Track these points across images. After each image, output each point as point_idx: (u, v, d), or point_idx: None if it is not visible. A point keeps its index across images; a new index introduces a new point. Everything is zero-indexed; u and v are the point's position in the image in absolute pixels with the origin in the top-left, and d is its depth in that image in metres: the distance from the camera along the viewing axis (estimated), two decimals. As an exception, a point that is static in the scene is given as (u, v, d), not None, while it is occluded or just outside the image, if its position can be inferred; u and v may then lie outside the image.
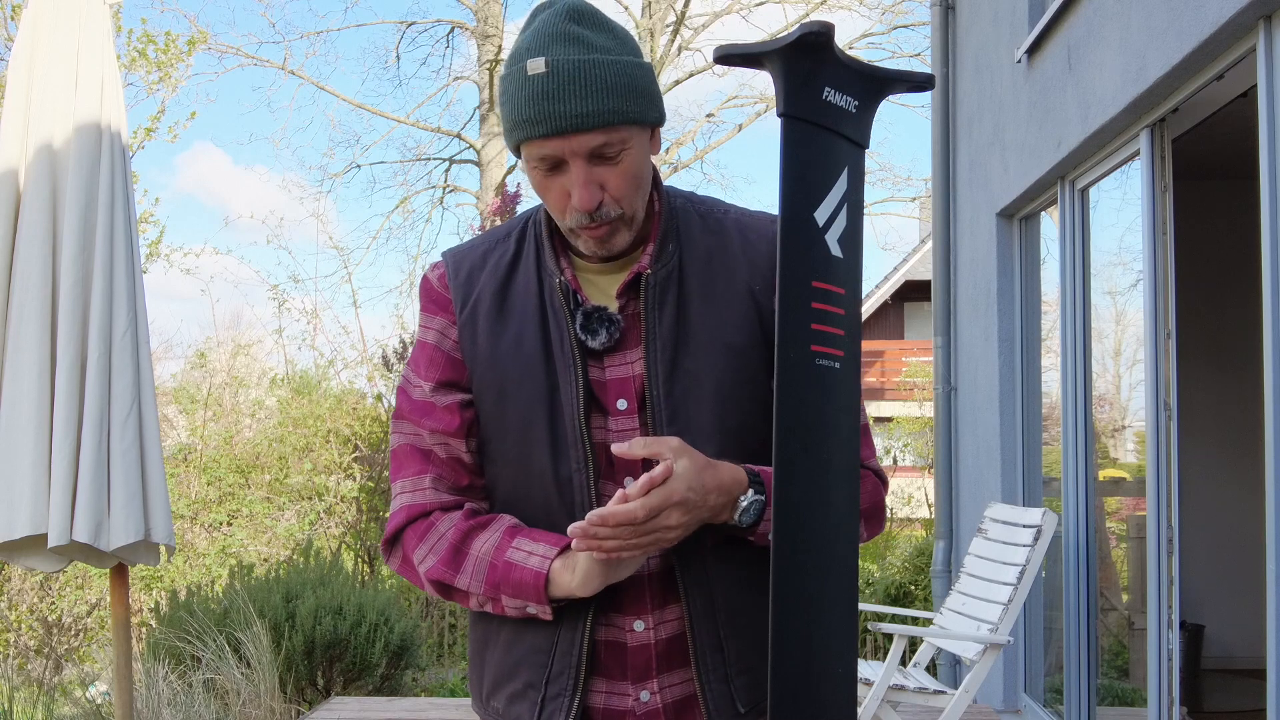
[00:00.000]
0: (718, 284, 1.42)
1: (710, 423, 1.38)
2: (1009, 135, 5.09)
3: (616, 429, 1.40)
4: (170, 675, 4.91)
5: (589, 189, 1.32)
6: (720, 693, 1.41)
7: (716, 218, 1.47)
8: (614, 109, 1.30)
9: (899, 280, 20.43)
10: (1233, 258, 4.85)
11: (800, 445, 1.00)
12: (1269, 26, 2.86)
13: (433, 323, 1.46)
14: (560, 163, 1.33)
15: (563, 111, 1.29)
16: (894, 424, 14.37)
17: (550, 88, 1.29)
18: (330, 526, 8.78)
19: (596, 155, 1.32)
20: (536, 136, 1.31)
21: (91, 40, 3.14)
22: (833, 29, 1.01)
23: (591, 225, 1.35)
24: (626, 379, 1.40)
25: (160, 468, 3.16)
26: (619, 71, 1.32)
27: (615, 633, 1.41)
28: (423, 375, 1.45)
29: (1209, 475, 5.84)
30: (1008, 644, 3.91)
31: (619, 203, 1.35)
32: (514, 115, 1.33)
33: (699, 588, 1.39)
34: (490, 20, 15.32)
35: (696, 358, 1.39)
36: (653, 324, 1.39)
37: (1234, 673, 5.83)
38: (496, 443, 1.42)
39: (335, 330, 18.17)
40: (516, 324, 1.41)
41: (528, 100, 1.30)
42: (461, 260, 1.47)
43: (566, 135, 1.30)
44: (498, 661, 1.45)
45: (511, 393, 1.40)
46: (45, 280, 3.01)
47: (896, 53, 17.15)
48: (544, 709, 1.40)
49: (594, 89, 1.29)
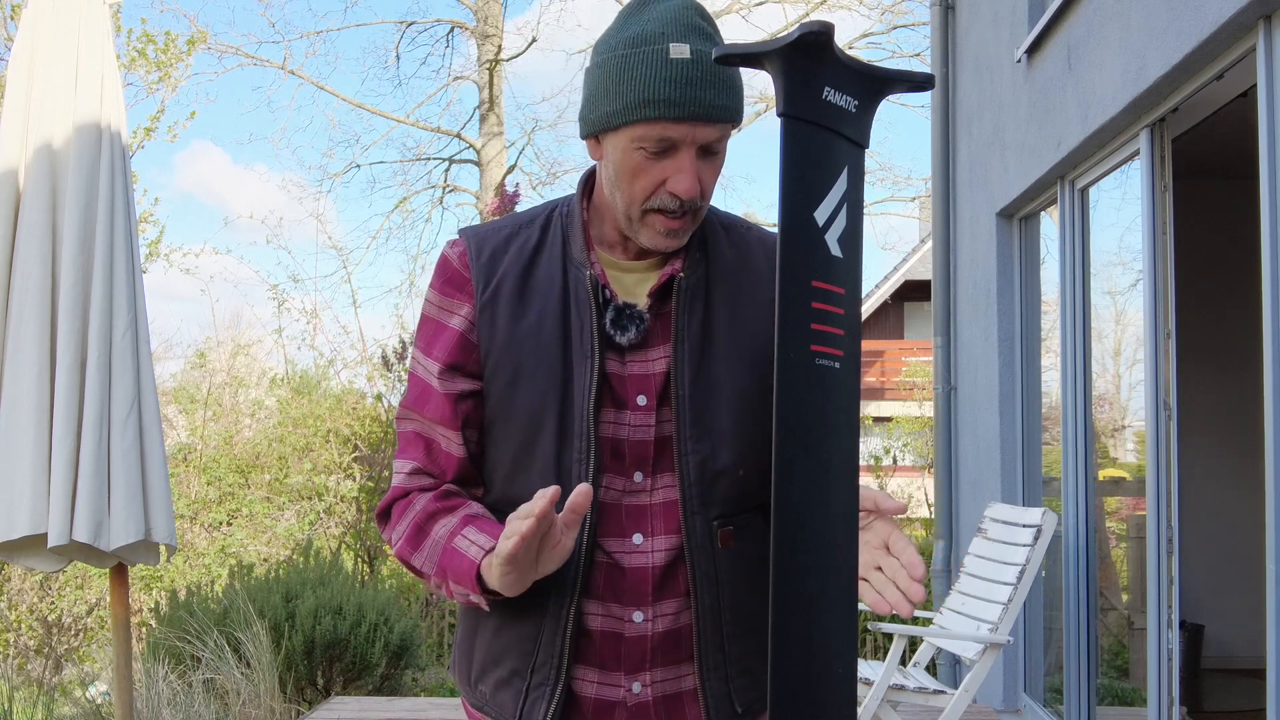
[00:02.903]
0: (742, 294, 1.46)
1: (730, 429, 1.41)
2: (1009, 135, 5.09)
3: (632, 423, 1.41)
4: (170, 675, 4.91)
5: (695, 178, 1.35)
6: (719, 691, 1.42)
7: (740, 232, 1.51)
8: (737, 108, 1.36)
9: (899, 280, 20.44)
10: (1233, 258, 4.85)
11: (800, 445, 1.00)
12: (1269, 26, 2.86)
13: (448, 303, 1.46)
14: (672, 148, 1.34)
15: (704, 99, 1.32)
16: (894, 424, 14.36)
17: (694, 75, 1.32)
18: (330, 526, 8.78)
19: (706, 148, 1.36)
20: (670, 118, 1.32)
21: (91, 40, 3.14)
22: (833, 29, 1.01)
23: (676, 213, 1.37)
24: (648, 376, 1.42)
25: (163, 467, 3.16)
26: (736, 74, 1.38)
27: (612, 623, 1.41)
28: (432, 355, 1.45)
29: (1209, 475, 5.84)
30: (1008, 644, 3.91)
31: (705, 197, 1.39)
32: (644, 94, 1.33)
33: (709, 586, 1.41)
34: (490, 20, 15.32)
35: (720, 363, 1.42)
36: (682, 326, 1.41)
37: (1234, 672, 5.83)
38: (502, 424, 1.43)
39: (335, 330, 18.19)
40: (537, 310, 1.42)
41: (667, 81, 1.32)
42: (484, 241, 1.47)
43: (698, 123, 1.33)
44: (485, 647, 1.47)
45: (525, 377, 1.41)
46: (45, 280, 3.01)
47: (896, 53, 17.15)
48: (527, 697, 1.41)
49: (729, 85, 1.35)
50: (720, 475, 1.41)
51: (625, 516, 1.42)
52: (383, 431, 8.39)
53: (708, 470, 1.41)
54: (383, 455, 8.25)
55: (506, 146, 15.54)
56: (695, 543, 1.40)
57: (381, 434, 8.42)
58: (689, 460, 1.40)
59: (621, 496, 1.42)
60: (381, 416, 8.70)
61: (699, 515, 1.41)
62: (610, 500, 1.42)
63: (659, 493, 1.43)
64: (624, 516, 1.42)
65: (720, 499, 1.42)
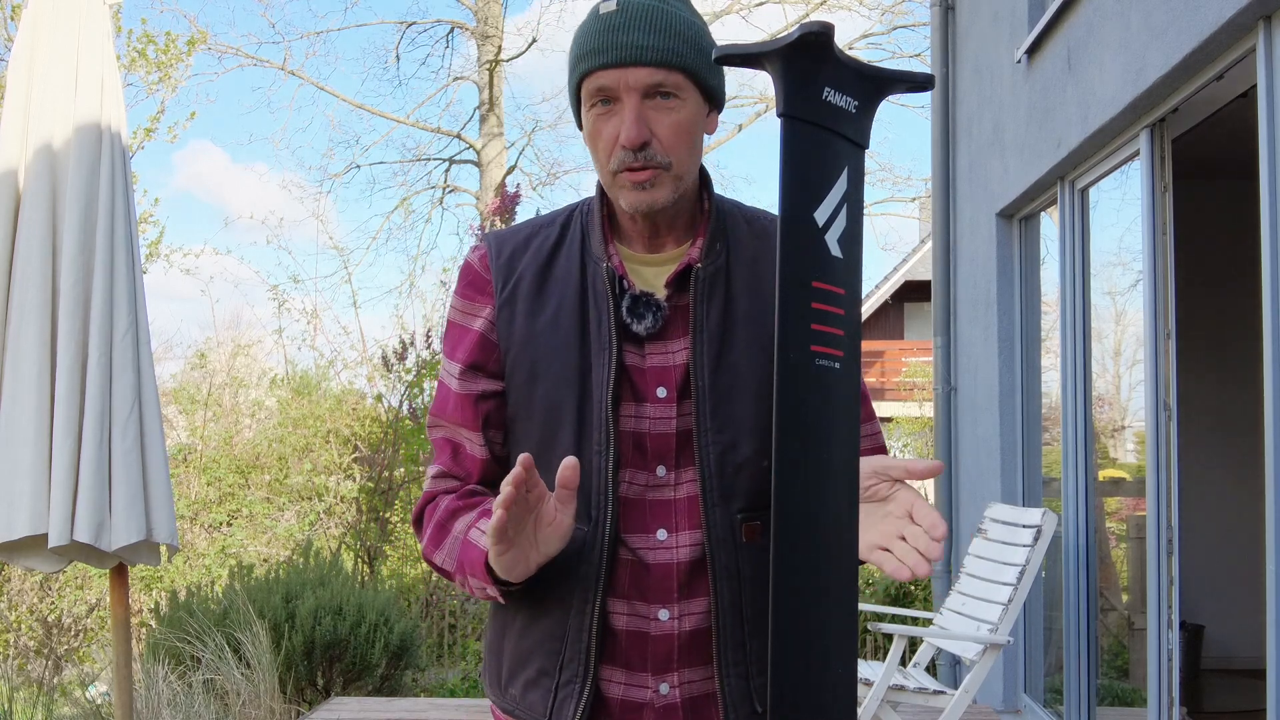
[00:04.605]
0: (764, 286, 1.43)
1: (751, 419, 1.39)
2: (1009, 135, 5.09)
3: (653, 416, 1.40)
4: (170, 675, 4.91)
5: (638, 124, 1.33)
6: (739, 689, 1.40)
7: (763, 224, 1.49)
8: (674, 49, 1.34)
9: (899, 280, 20.43)
10: (1233, 258, 4.85)
11: (800, 445, 1.00)
12: (1269, 27, 2.86)
13: (469, 306, 1.47)
14: (615, 100, 1.34)
15: (625, 42, 1.32)
16: (894, 424, 14.37)
17: (617, 22, 1.33)
18: (330, 527, 8.78)
19: (651, 95, 1.34)
20: (597, 66, 1.33)
21: (91, 40, 3.14)
22: (833, 29, 1.01)
23: (635, 166, 1.34)
24: (668, 368, 1.40)
25: (164, 468, 3.16)
26: (686, 24, 1.36)
27: (639, 621, 1.40)
28: (455, 358, 1.46)
29: (1209, 475, 5.84)
30: (1008, 644, 3.91)
31: (666, 151, 1.35)
32: (579, 49, 1.35)
33: (729, 582, 1.39)
34: (490, 20, 15.33)
35: (740, 354, 1.40)
36: (700, 316, 1.40)
37: (1234, 673, 5.84)
38: (524, 422, 1.43)
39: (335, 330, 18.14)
40: (554, 305, 1.42)
41: (594, 33, 1.34)
42: (504, 242, 1.48)
43: (625, 66, 1.32)
44: (513, 649, 1.46)
45: (543, 372, 1.40)
46: (45, 280, 3.01)
47: (896, 53, 17.16)
48: (556, 696, 1.40)
49: (658, 27, 1.34)
50: (742, 467, 1.39)
51: (649, 512, 1.40)
52: (383, 432, 8.38)
53: (729, 462, 1.38)
54: (383, 456, 8.24)
55: (507, 147, 15.55)
56: (716, 536, 1.38)
57: (381, 434, 8.41)
58: (709, 452, 1.38)
59: (645, 491, 1.40)
60: (381, 417, 8.69)
61: (720, 508, 1.38)
62: (633, 495, 1.40)
63: (683, 487, 1.40)
64: (647, 512, 1.40)
65: (743, 491, 1.39)
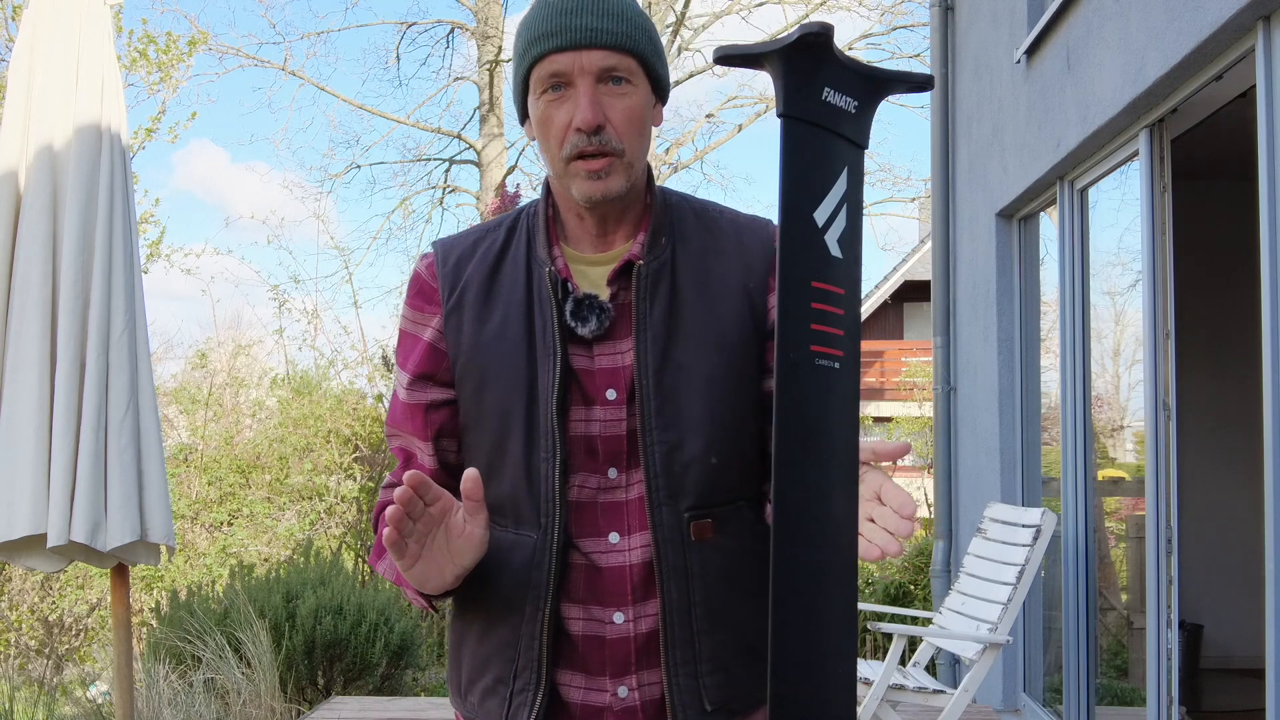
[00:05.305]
0: (712, 280, 1.41)
1: (699, 416, 1.37)
2: (1008, 136, 5.09)
3: (603, 419, 1.38)
4: (170, 675, 4.91)
5: (593, 106, 1.31)
6: (688, 689, 1.38)
7: (712, 216, 1.47)
8: (627, 34, 1.33)
9: (899, 280, 20.44)
10: (1233, 258, 4.85)
11: (800, 445, 1.00)
12: (1268, 27, 2.86)
13: (420, 316, 1.46)
14: (569, 84, 1.33)
15: (579, 25, 1.31)
16: (894, 424, 14.37)
17: (569, 5, 1.33)
18: (330, 526, 8.78)
19: (604, 79, 1.33)
20: (550, 49, 1.32)
21: (92, 41, 3.14)
22: (832, 29, 1.01)
23: (590, 152, 1.32)
24: (617, 369, 1.38)
25: (161, 467, 3.16)
26: (636, 12, 1.36)
27: (594, 625, 1.39)
28: (406, 368, 1.46)
29: (1209, 475, 5.84)
30: (1007, 644, 3.92)
31: (620, 137, 1.34)
32: (529, 35, 1.34)
33: (678, 581, 1.37)
34: (490, 20, 15.32)
35: (688, 351, 1.38)
36: (644, 314, 1.38)
37: (1233, 672, 5.84)
38: (475, 430, 1.42)
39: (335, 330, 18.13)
40: (502, 311, 1.40)
41: (545, 18, 1.33)
42: (450, 249, 1.46)
43: (580, 49, 1.31)
44: (470, 656, 1.45)
45: (492, 380, 1.39)
46: (45, 280, 3.01)
47: (896, 53, 17.14)
48: (511, 703, 1.40)
49: (611, 12, 1.33)
50: (690, 465, 1.37)
51: (601, 515, 1.39)
52: (383, 432, 8.40)
53: (675, 461, 1.37)
54: (383, 456, 8.25)
55: (507, 147, 15.54)
56: (663, 535, 1.36)
57: (381, 434, 8.42)
58: (655, 451, 1.36)
59: (597, 494, 1.39)
60: (382, 417, 8.70)
61: (667, 507, 1.37)
62: (585, 499, 1.39)
63: (634, 488, 1.39)
64: (600, 515, 1.39)
65: (692, 489, 1.37)
